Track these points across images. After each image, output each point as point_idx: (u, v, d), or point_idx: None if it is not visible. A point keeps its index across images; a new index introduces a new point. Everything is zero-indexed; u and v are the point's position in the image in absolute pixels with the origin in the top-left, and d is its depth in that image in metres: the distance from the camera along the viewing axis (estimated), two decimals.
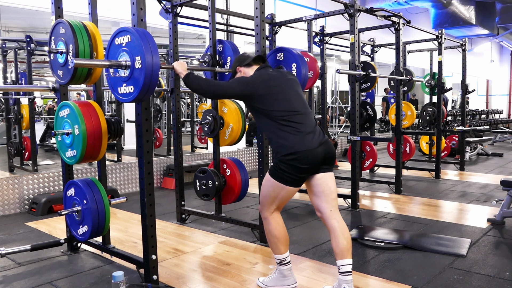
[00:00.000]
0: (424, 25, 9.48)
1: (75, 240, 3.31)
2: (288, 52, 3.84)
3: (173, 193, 5.15)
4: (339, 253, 2.38)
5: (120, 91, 2.45)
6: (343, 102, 12.79)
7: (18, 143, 5.69)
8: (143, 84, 2.28)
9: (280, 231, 2.52)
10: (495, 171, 7.13)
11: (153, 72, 2.27)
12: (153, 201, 2.64)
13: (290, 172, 2.37)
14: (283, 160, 2.37)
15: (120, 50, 2.39)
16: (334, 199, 2.48)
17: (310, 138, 2.39)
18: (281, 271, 2.59)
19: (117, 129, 2.96)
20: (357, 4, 4.39)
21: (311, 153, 2.36)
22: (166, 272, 2.91)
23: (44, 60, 10.59)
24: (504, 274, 2.83)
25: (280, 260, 2.56)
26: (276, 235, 2.51)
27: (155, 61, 2.28)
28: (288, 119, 2.42)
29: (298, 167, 2.36)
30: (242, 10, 4.84)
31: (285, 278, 2.59)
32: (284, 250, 2.54)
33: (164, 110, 8.65)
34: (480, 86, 19.44)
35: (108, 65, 2.36)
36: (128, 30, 2.35)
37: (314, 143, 2.39)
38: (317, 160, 2.39)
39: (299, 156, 2.35)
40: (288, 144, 2.37)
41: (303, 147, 2.35)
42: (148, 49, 2.26)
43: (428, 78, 7.70)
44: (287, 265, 2.58)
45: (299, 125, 2.41)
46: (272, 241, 2.53)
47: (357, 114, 4.58)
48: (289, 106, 2.46)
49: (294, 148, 2.35)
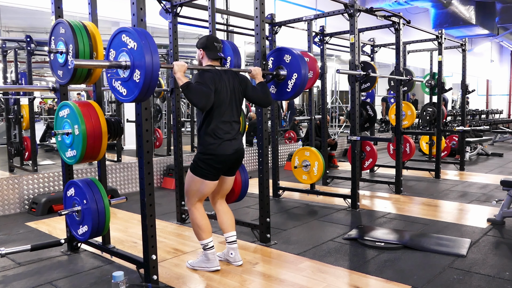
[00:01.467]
0: (424, 25, 9.49)
1: (75, 240, 3.31)
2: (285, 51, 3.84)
3: (173, 193, 5.15)
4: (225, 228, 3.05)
5: (120, 91, 2.44)
6: (343, 102, 12.78)
7: (18, 143, 5.68)
8: (143, 84, 2.27)
9: (202, 220, 2.91)
10: (495, 171, 7.13)
11: (153, 73, 2.26)
12: (153, 201, 2.64)
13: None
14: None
15: (120, 51, 2.38)
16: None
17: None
18: (206, 255, 2.92)
19: (117, 129, 2.97)
20: (357, 4, 4.39)
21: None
22: (166, 272, 2.91)
23: (44, 60, 10.59)
24: (504, 274, 2.83)
25: (203, 245, 2.91)
26: (198, 224, 2.89)
27: (155, 61, 2.26)
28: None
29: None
30: (242, 10, 4.84)
31: (209, 261, 2.91)
32: (206, 237, 2.89)
33: (164, 110, 8.65)
34: (480, 86, 19.44)
35: (108, 66, 2.35)
36: (127, 30, 2.34)
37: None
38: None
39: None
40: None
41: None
42: (147, 49, 2.25)
43: (428, 78, 7.70)
44: (211, 250, 2.90)
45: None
46: (196, 229, 2.92)
47: (357, 114, 4.58)
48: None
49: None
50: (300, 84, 3.39)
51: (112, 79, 2.48)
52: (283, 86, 3.50)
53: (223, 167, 2.87)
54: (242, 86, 2.97)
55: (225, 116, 2.83)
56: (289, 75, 3.43)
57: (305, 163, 4.97)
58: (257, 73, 3.10)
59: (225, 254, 3.07)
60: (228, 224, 3.06)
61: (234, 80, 2.92)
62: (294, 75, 3.41)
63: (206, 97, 2.64)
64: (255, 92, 3.03)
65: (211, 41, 2.91)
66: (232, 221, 3.08)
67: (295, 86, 3.42)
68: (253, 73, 3.11)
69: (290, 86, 3.45)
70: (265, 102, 3.09)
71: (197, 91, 2.62)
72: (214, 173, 2.85)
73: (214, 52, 2.89)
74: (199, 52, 2.92)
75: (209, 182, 2.86)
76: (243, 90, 2.97)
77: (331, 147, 7.44)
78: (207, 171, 2.82)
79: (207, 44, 2.89)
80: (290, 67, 3.42)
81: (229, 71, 2.95)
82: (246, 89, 2.99)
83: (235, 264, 3.01)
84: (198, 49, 2.93)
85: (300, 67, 3.34)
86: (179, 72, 2.65)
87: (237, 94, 2.92)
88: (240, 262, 3.02)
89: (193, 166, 2.87)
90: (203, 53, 2.90)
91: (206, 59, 2.91)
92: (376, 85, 6.33)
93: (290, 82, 3.44)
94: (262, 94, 3.03)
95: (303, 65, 3.37)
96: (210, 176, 2.84)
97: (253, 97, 3.04)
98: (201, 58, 2.93)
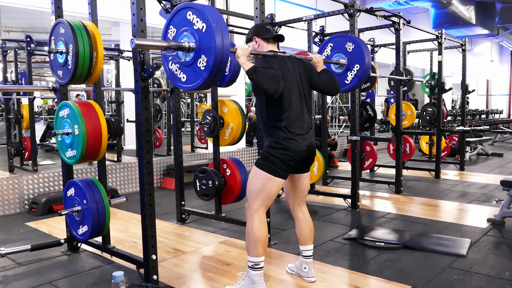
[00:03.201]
0: (424, 25, 9.49)
1: (75, 240, 3.31)
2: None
3: (173, 193, 5.15)
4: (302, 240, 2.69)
5: (178, 76, 2.21)
6: (343, 102, 12.77)
7: (18, 143, 5.68)
8: (210, 71, 2.00)
9: (263, 231, 2.44)
10: (495, 171, 7.13)
11: (223, 58, 2.01)
12: (153, 201, 2.64)
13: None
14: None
15: (182, 31, 2.13)
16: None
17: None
18: (251, 277, 2.42)
19: (117, 129, 2.97)
20: (357, 4, 4.39)
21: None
22: (166, 272, 2.91)
23: (44, 60, 10.60)
24: (504, 274, 2.83)
25: (254, 263, 2.41)
26: (257, 235, 2.42)
27: (225, 43, 2.02)
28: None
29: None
30: (242, 10, 4.83)
31: (254, 285, 2.42)
32: (262, 253, 2.42)
33: (164, 110, 8.65)
34: (480, 86, 19.45)
35: (166, 47, 2.10)
36: (194, 8, 2.09)
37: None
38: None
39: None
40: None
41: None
42: (219, 32, 1.99)
43: (428, 78, 7.70)
44: (259, 270, 2.43)
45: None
46: (252, 241, 2.41)
47: (357, 114, 4.58)
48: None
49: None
50: (362, 76, 3.08)
51: (168, 61, 2.24)
52: (341, 77, 3.17)
53: (295, 164, 2.50)
54: (308, 72, 2.66)
55: (293, 106, 2.49)
56: (350, 66, 3.14)
57: None
58: (318, 61, 2.77)
59: (297, 267, 2.78)
60: (307, 235, 2.67)
61: (299, 67, 2.62)
62: (356, 66, 3.11)
63: (277, 81, 2.33)
64: (321, 78, 2.69)
65: (261, 26, 2.68)
66: (312, 233, 2.70)
67: (355, 78, 3.11)
68: (314, 60, 2.76)
69: (349, 78, 3.15)
70: (333, 89, 2.73)
71: (267, 75, 2.30)
72: (284, 169, 2.46)
73: (269, 33, 2.62)
74: (253, 43, 2.62)
75: (278, 180, 2.45)
76: (309, 77, 2.66)
77: (331, 147, 7.44)
78: (278, 167, 2.44)
79: (258, 30, 2.64)
80: (352, 57, 3.13)
81: (293, 57, 2.64)
82: (312, 76, 2.67)
83: (307, 280, 2.70)
84: (251, 41, 2.63)
85: (364, 58, 3.09)
86: (242, 56, 2.37)
87: (304, 82, 2.61)
88: (314, 279, 2.70)
89: (260, 161, 2.48)
90: (258, 40, 2.60)
91: (263, 45, 2.60)
92: (376, 85, 6.33)
93: (350, 74, 3.15)
94: (329, 80, 2.69)
95: (368, 56, 3.12)
96: (280, 172, 2.45)
97: (320, 84, 2.70)
98: (258, 48, 2.61)
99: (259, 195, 2.46)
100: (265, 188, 2.45)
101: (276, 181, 2.45)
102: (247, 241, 2.45)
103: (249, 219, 2.47)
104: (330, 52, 3.24)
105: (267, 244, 2.49)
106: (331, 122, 11.70)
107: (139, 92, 2.56)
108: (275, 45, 2.66)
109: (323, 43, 3.44)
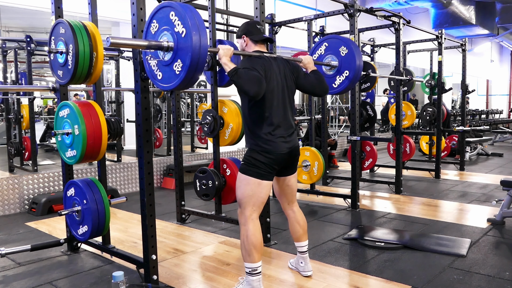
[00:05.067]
0: (424, 25, 9.49)
1: (75, 240, 3.31)
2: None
3: (173, 193, 5.15)
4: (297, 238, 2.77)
5: (155, 72, 2.21)
6: (343, 102, 12.77)
7: (18, 143, 5.68)
8: (188, 69, 2.00)
9: (258, 237, 2.43)
10: (495, 171, 7.13)
11: (201, 54, 2.01)
12: (153, 201, 2.64)
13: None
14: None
15: (162, 30, 2.14)
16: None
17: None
18: (249, 283, 2.43)
19: (117, 129, 2.96)
20: (357, 4, 4.39)
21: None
22: (166, 272, 2.91)
23: (44, 60, 10.60)
24: (504, 274, 2.83)
25: (251, 269, 2.41)
26: (253, 242, 2.41)
27: (203, 41, 2.00)
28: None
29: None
30: (242, 10, 4.83)
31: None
32: (258, 259, 2.41)
33: (164, 110, 8.64)
34: (480, 86, 19.45)
35: (146, 46, 2.10)
36: (176, 9, 2.09)
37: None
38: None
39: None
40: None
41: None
42: (195, 26, 1.99)
43: (428, 78, 7.70)
44: (257, 276, 2.42)
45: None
46: (248, 248, 2.41)
47: (357, 114, 4.58)
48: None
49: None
50: (349, 84, 3.06)
51: (147, 56, 2.23)
52: (329, 80, 3.13)
53: (278, 166, 2.51)
54: (295, 74, 2.65)
55: (276, 108, 2.47)
56: (340, 70, 3.10)
57: (305, 163, 4.97)
58: (308, 62, 2.77)
59: (296, 262, 2.87)
60: (300, 233, 2.75)
61: (286, 68, 2.60)
62: (346, 72, 3.08)
63: (259, 83, 2.29)
64: (308, 79, 2.68)
65: (252, 25, 2.62)
66: (305, 230, 2.78)
67: (342, 84, 3.08)
68: (304, 62, 2.77)
69: (337, 82, 3.12)
70: (320, 89, 2.70)
71: (248, 77, 2.27)
72: (269, 171, 2.46)
73: (259, 34, 2.59)
74: (241, 40, 2.62)
75: (266, 182, 2.46)
76: (295, 78, 2.65)
77: (331, 147, 7.44)
78: (263, 170, 2.43)
79: (248, 29, 2.60)
80: (343, 62, 3.09)
81: (279, 58, 2.63)
82: (298, 77, 2.66)
83: (304, 274, 2.80)
84: (240, 38, 2.63)
85: (355, 66, 3.06)
86: (224, 56, 2.37)
87: (290, 83, 2.59)
88: (310, 273, 2.80)
89: (245, 166, 2.47)
90: (246, 39, 2.59)
91: (251, 45, 2.59)
92: (376, 85, 6.33)
93: (338, 78, 3.12)
94: (317, 80, 2.68)
95: (359, 64, 3.09)
96: (266, 175, 2.45)
97: (306, 85, 2.68)
98: (245, 46, 2.60)
99: (250, 201, 2.46)
100: (255, 194, 2.45)
101: (265, 184, 2.46)
102: (242, 248, 2.44)
103: (243, 227, 2.46)
104: (324, 51, 3.20)
105: (262, 248, 2.47)
106: (331, 122, 11.69)
107: (139, 92, 2.56)
108: (264, 45, 2.64)
109: (319, 41, 3.43)
